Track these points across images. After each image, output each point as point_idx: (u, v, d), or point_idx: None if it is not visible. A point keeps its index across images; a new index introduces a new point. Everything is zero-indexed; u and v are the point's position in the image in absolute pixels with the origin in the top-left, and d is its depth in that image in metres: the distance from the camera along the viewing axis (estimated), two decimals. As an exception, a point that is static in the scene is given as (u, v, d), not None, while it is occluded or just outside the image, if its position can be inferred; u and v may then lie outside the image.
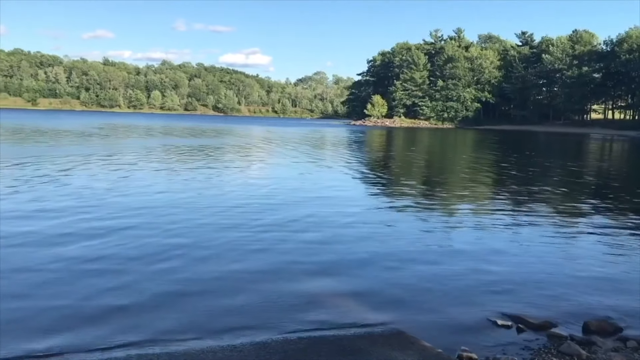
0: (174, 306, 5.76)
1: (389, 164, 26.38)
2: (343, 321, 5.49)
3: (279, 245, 8.46)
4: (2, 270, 6.67)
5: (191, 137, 44.48)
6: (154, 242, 8.36)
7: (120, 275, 6.70)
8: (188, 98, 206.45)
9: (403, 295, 6.32)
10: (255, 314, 5.65)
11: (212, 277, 6.77)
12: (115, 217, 10.10)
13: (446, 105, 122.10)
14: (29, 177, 15.14)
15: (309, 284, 6.65)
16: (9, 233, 8.55)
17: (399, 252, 8.25)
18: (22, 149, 26.40)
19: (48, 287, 6.23)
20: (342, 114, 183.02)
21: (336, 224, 10.18)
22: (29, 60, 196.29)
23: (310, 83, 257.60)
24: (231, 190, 14.32)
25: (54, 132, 43.56)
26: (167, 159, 23.49)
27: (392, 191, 15.72)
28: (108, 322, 5.31)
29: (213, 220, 10.13)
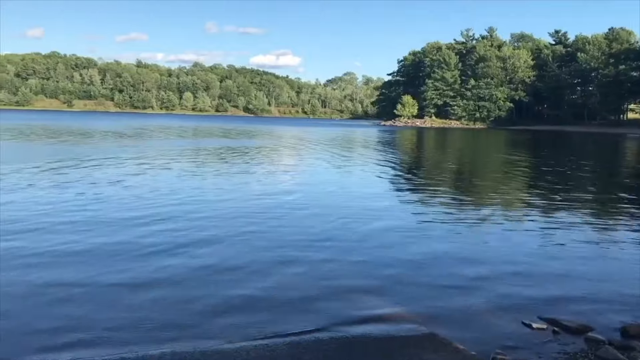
0: (207, 306, 5.82)
1: (422, 166, 26.20)
2: (375, 322, 5.46)
3: (311, 244, 8.48)
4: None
5: (232, 138, 44.99)
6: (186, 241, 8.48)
7: (174, 278, 6.82)
8: (219, 99, 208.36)
9: (435, 297, 6.25)
10: (288, 314, 5.66)
11: (245, 278, 6.81)
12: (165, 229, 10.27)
13: (478, 104, 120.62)
14: (102, 179, 15.61)
15: (340, 284, 6.64)
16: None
17: (431, 254, 8.18)
18: (79, 149, 27.04)
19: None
20: (371, 114, 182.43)
21: (367, 226, 10.14)
22: (65, 62, 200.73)
23: (340, 84, 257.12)
24: (266, 193, 14.43)
25: (99, 133, 44.63)
26: (208, 161, 23.73)
27: (425, 193, 15.57)
28: (145, 321, 5.39)
29: (249, 224, 10.21)
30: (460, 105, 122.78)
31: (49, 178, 15.47)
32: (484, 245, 8.96)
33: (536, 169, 24.46)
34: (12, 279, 6.44)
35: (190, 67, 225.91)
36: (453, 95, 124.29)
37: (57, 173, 16.64)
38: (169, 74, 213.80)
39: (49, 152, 25.27)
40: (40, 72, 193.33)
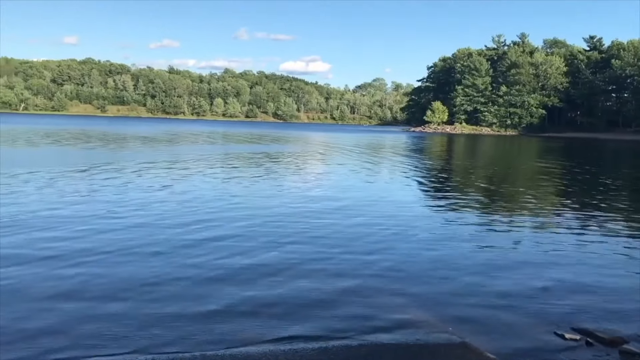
0: (239, 311, 5.89)
1: (454, 172, 25.99)
2: (405, 329, 5.46)
3: (339, 251, 8.52)
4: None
5: (266, 144, 45.24)
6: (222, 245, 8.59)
7: (209, 281, 6.93)
8: (249, 105, 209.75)
9: (466, 306, 6.21)
10: (317, 319, 5.69)
11: (279, 280, 6.88)
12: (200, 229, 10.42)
13: (509, 111, 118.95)
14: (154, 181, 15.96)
15: (370, 289, 6.66)
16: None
17: (461, 263, 8.12)
18: (120, 154, 27.61)
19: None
20: (401, 120, 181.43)
21: (398, 233, 10.13)
22: (99, 68, 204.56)
23: (369, 90, 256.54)
24: (297, 198, 14.51)
25: (137, 138, 45.45)
26: (247, 166, 23.93)
27: (456, 200, 15.44)
28: (179, 324, 5.49)
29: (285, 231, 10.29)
30: (491, 112, 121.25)
31: (109, 182, 15.90)
32: (516, 254, 8.86)
33: (569, 177, 24.04)
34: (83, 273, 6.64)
35: (221, 74, 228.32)
36: (484, 102, 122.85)
37: (112, 176, 17.05)
38: (200, 80, 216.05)
39: (97, 156, 25.89)
40: (75, 78, 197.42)
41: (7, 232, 8.95)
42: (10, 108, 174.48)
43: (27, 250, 7.94)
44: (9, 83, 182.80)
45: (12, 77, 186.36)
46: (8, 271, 6.91)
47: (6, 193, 13.07)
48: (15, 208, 11.17)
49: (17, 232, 9.04)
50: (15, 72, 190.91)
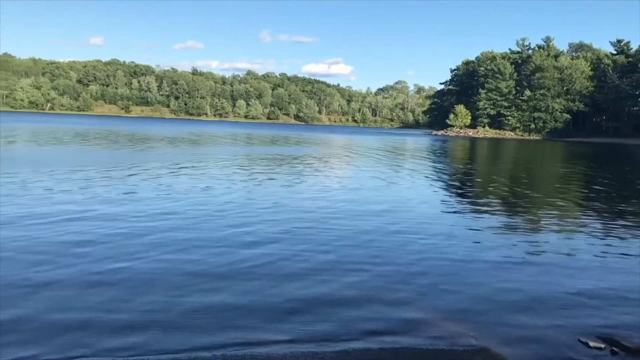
0: (262, 311, 5.92)
1: (477, 177, 25.77)
2: (425, 334, 5.44)
3: (359, 255, 8.51)
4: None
5: (293, 145, 45.57)
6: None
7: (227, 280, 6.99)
8: (271, 107, 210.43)
9: (488, 311, 6.17)
10: (338, 321, 5.69)
11: (301, 284, 6.90)
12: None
13: (533, 115, 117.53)
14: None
15: (391, 294, 6.64)
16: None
17: (483, 268, 8.06)
18: (153, 154, 27.98)
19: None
20: (423, 123, 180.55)
21: (419, 237, 10.09)
22: (124, 69, 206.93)
23: (391, 92, 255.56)
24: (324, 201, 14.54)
25: (165, 139, 45.94)
26: (278, 168, 24.02)
27: (480, 205, 15.34)
28: (198, 323, 5.54)
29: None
30: (514, 116, 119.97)
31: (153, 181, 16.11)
32: (540, 260, 8.75)
33: (594, 182, 23.67)
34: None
35: (244, 75, 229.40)
36: (507, 106, 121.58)
37: (150, 177, 17.29)
38: (223, 82, 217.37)
39: (129, 156, 26.31)
40: (101, 79, 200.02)
41: (64, 230, 9.19)
42: (37, 108, 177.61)
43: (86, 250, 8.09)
44: (36, 83, 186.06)
45: (40, 78, 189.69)
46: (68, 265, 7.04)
47: (54, 192, 13.40)
48: (61, 207, 11.40)
49: (74, 229, 9.31)
50: (42, 72, 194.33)
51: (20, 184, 14.48)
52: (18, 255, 7.59)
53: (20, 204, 11.48)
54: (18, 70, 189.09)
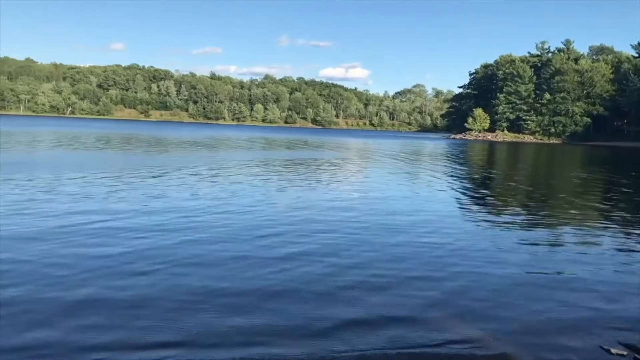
0: (280, 314, 5.93)
1: (498, 182, 25.57)
2: (444, 340, 5.39)
3: (379, 259, 8.47)
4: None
5: (314, 149, 45.71)
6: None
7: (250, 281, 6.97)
8: (288, 111, 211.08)
9: (508, 317, 6.10)
10: (357, 325, 5.68)
11: (316, 290, 6.89)
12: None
13: (553, 119, 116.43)
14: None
15: (411, 299, 6.60)
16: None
17: (505, 274, 7.97)
18: (176, 158, 28.25)
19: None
20: (441, 127, 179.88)
21: (442, 245, 10.05)
22: (143, 74, 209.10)
23: (409, 96, 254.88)
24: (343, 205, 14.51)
25: (186, 143, 46.38)
26: (302, 172, 24.20)
27: (500, 211, 15.22)
28: (226, 323, 5.60)
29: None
30: (534, 120, 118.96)
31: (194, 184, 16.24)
32: (560, 266, 8.63)
33: (616, 187, 23.37)
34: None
35: (262, 80, 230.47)
36: (527, 110, 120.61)
37: (179, 181, 17.44)
38: (241, 86, 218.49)
39: (154, 160, 26.59)
40: (121, 83, 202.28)
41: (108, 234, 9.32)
42: (58, 112, 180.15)
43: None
44: (57, 88, 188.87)
45: (61, 82, 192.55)
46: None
47: (84, 196, 13.60)
48: (89, 217, 11.51)
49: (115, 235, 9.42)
50: (63, 77, 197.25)
51: (51, 188, 14.71)
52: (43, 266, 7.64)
53: (62, 206, 11.61)
54: (40, 75, 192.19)
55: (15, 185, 14.90)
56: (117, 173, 19.20)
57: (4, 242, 8.51)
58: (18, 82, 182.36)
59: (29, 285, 6.53)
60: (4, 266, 7.23)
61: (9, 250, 8.04)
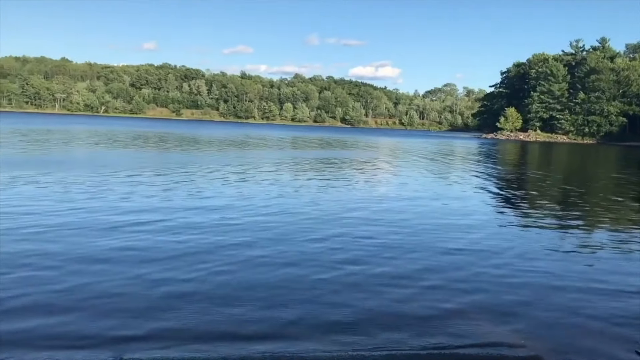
0: (313, 313, 5.96)
1: (533, 183, 25.21)
2: (475, 341, 5.35)
3: (413, 262, 8.47)
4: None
5: (350, 149, 45.71)
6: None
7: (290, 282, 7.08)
8: (317, 110, 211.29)
9: (541, 321, 6.01)
10: (387, 325, 5.68)
11: (348, 296, 6.88)
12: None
13: (587, 119, 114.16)
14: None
15: (441, 301, 6.57)
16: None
17: (536, 277, 7.85)
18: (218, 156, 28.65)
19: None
20: (472, 126, 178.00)
21: (475, 244, 9.99)
22: (175, 73, 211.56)
23: (439, 95, 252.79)
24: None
25: (222, 142, 46.82)
26: (338, 172, 24.25)
27: (535, 212, 15.02)
28: (255, 323, 5.63)
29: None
30: (567, 120, 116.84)
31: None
32: (594, 270, 8.46)
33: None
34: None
35: (291, 79, 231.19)
36: (560, 109, 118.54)
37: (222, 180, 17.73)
38: (271, 85, 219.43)
39: (194, 158, 27.02)
40: (153, 83, 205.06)
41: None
42: (92, 111, 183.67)
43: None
44: (91, 87, 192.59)
45: (94, 81, 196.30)
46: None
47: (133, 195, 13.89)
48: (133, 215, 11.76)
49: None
50: (97, 76, 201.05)
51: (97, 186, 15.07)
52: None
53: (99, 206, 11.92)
54: (75, 75, 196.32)
55: (70, 182, 15.46)
56: (162, 171, 19.61)
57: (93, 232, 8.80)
58: (54, 81, 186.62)
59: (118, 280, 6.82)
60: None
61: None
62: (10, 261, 7.44)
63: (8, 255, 7.73)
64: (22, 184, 14.77)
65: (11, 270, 7.06)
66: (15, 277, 6.79)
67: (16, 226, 9.48)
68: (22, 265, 7.28)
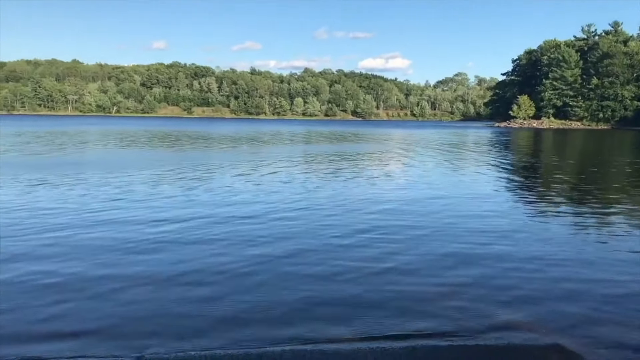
0: (332, 306, 5.97)
1: (554, 171, 25.00)
2: (497, 331, 5.33)
3: (433, 247, 8.47)
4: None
5: (366, 142, 45.64)
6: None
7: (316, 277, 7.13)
8: (328, 104, 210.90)
9: (561, 309, 5.97)
10: (408, 315, 5.69)
11: (365, 282, 6.90)
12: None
13: (601, 104, 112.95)
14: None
15: (462, 288, 6.57)
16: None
17: (556, 265, 7.78)
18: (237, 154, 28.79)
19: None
20: (484, 115, 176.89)
21: (498, 232, 9.95)
22: (185, 71, 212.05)
23: (450, 84, 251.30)
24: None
25: (237, 139, 46.85)
26: (356, 165, 24.23)
27: (555, 201, 14.90)
28: (267, 317, 5.65)
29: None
30: (581, 106, 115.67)
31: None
32: (615, 260, 8.35)
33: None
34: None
35: (301, 73, 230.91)
36: (573, 95, 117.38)
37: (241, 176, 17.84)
38: (281, 81, 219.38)
39: (214, 156, 27.16)
40: (163, 81, 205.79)
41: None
42: (104, 111, 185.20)
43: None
44: (102, 87, 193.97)
45: (106, 82, 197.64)
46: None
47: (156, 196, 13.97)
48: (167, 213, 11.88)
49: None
50: (108, 77, 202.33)
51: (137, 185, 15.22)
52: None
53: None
54: (86, 76, 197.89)
55: (92, 183, 15.63)
56: (182, 169, 19.73)
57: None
58: (66, 83, 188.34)
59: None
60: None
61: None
62: (38, 252, 7.66)
63: (39, 247, 7.97)
64: (65, 186, 15.10)
65: (40, 261, 7.23)
66: (41, 269, 6.91)
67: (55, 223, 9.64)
68: (47, 257, 7.48)
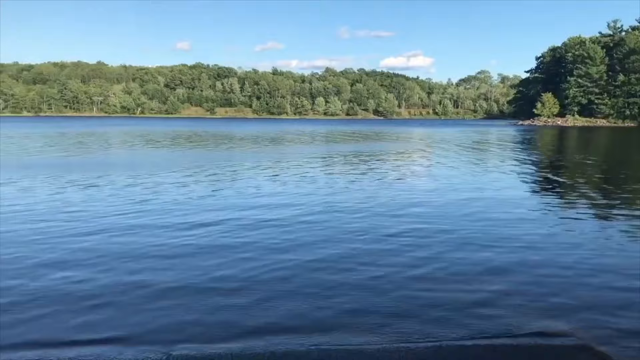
0: (365, 314, 5.99)
1: (584, 170, 24.73)
2: (523, 330, 5.33)
3: (448, 244, 8.51)
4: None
5: (390, 141, 45.43)
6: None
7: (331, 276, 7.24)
8: (350, 103, 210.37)
9: (591, 309, 5.95)
10: (430, 316, 5.71)
11: (384, 282, 6.95)
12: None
13: (628, 101, 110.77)
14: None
15: (485, 288, 6.58)
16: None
17: (585, 265, 7.74)
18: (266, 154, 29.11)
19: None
20: (508, 113, 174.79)
21: (523, 234, 9.90)
22: (208, 72, 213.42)
23: (473, 82, 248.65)
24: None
25: (264, 139, 47.05)
26: (385, 165, 24.28)
27: (582, 202, 14.78)
28: (288, 316, 5.74)
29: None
30: (607, 103, 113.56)
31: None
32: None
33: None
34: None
35: (322, 73, 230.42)
36: (599, 92, 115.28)
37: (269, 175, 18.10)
38: (302, 80, 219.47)
39: (242, 156, 27.40)
40: (187, 82, 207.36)
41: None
42: (129, 112, 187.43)
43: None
44: (127, 89, 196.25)
45: (130, 83, 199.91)
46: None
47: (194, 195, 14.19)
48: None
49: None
50: (132, 78, 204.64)
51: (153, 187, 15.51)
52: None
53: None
54: (110, 77, 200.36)
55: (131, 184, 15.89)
56: (210, 170, 19.87)
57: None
58: (91, 84, 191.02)
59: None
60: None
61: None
62: (69, 258, 7.79)
63: (70, 252, 8.09)
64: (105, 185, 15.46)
65: (72, 267, 7.36)
66: (72, 275, 7.02)
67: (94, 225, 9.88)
68: (78, 263, 7.58)
